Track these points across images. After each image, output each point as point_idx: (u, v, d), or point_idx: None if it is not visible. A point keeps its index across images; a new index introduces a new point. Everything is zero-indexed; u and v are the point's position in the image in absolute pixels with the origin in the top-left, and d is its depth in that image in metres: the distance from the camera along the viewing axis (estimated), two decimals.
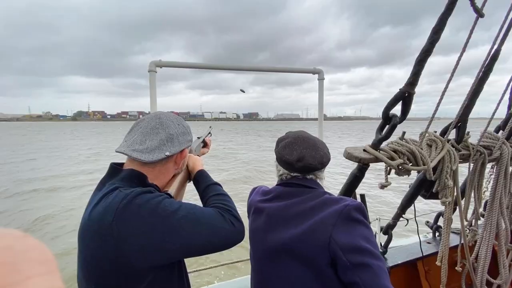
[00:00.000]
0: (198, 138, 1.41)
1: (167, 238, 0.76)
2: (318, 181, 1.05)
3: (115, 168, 0.91)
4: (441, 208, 1.62)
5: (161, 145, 0.90)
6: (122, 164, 0.94)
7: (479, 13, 1.11)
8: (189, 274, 1.04)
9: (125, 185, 0.83)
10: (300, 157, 0.99)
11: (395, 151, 1.26)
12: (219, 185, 1.08)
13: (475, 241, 1.68)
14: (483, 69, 1.32)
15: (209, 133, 1.57)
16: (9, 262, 0.20)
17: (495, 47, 1.28)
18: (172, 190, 0.96)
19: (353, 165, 1.33)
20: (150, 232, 0.75)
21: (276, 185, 1.12)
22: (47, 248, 0.23)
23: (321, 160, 1.01)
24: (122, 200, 0.76)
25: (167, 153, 0.91)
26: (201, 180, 1.09)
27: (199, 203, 1.03)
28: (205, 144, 1.46)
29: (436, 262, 1.50)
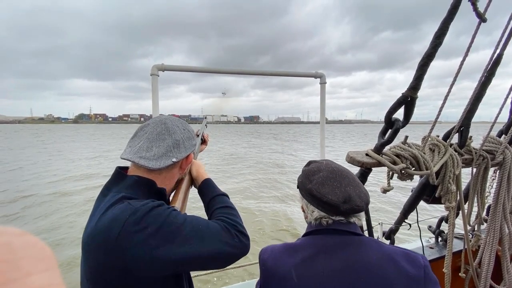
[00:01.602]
0: (197, 135, 1.35)
1: (173, 254, 0.75)
2: (358, 224, 0.89)
3: (121, 174, 0.89)
4: (443, 212, 1.60)
5: (168, 152, 0.89)
6: (127, 168, 0.93)
7: (482, 18, 1.11)
8: (192, 278, 1.04)
9: (132, 193, 0.83)
10: (347, 198, 0.83)
11: (397, 155, 1.25)
12: (226, 195, 1.05)
13: (478, 246, 1.67)
14: (485, 74, 1.31)
15: (205, 125, 1.50)
16: (8, 259, 0.20)
17: (498, 51, 1.28)
18: (178, 203, 0.96)
19: (356, 170, 1.33)
20: (157, 247, 0.74)
21: (309, 232, 0.90)
22: (46, 245, 0.23)
23: (367, 200, 0.87)
24: (130, 215, 0.75)
25: (174, 160, 0.90)
26: (207, 191, 1.06)
27: (200, 211, 1.02)
28: (203, 141, 1.42)
29: (443, 269, 1.49)
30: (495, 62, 1.30)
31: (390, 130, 1.26)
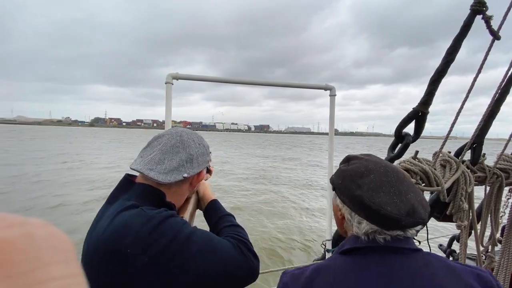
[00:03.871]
0: None
1: (185, 269, 0.70)
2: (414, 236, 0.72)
3: (129, 181, 0.86)
4: (455, 231, 1.56)
5: (180, 166, 0.84)
6: (136, 176, 0.88)
7: (495, 36, 1.10)
8: None
9: (141, 202, 0.78)
10: (410, 210, 0.65)
11: (407, 170, 1.24)
12: (232, 216, 1.01)
13: (492, 269, 1.61)
14: (499, 91, 1.30)
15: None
16: (30, 249, 0.20)
17: None
18: (187, 214, 0.92)
19: None
20: (169, 260, 0.69)
21: (355, 248, 0.69)
22: (66, 236, 0.24)
23: (429, 209, 0.70)
24: (144, 223, 0.70)
25: (185, 175, 0.85)
26: (214, 211, 1.02)
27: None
28: (208, 170, 1.43)
29: None
30: (510, 80, 1.28)
31: (400, 145, 1.25)
